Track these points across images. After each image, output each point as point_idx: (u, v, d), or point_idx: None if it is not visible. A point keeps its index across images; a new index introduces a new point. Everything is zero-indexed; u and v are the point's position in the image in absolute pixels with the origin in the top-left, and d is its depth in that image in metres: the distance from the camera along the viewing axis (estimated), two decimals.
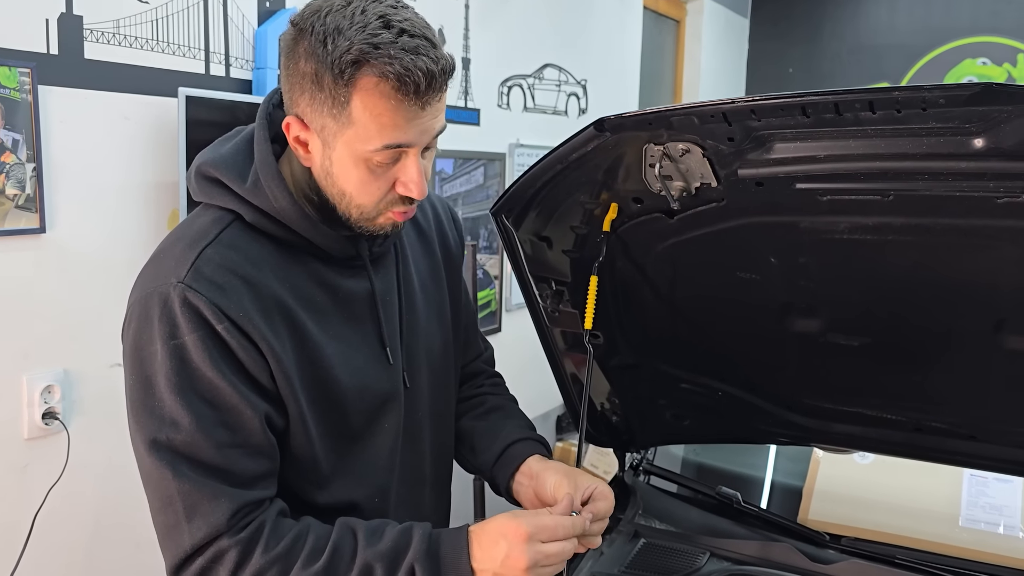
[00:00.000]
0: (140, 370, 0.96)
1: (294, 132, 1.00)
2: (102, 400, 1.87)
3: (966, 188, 1.06)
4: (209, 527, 0.93)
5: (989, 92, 0.91)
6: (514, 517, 1.01)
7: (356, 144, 0.97)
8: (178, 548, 0.94)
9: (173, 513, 0.94)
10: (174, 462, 0.93)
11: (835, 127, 1.03)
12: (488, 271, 3.30)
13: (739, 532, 1.64)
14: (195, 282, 0.95)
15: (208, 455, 0.94)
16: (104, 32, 1.81)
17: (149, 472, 0.95)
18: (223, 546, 0.94)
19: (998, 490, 1.70)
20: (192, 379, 0.94)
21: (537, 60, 3.42)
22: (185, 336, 0.94)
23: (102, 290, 1.86)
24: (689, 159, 1.15)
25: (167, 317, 0.95)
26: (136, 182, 1.91)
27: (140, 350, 0.96)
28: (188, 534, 0.93)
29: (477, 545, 0.99)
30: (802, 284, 1.34)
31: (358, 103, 0.94)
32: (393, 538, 0.99)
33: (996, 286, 1.22)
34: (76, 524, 1.86)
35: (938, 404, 1.46)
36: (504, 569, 0.97)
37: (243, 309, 0.96)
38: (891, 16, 5.25)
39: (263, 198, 1.01)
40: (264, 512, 0.98)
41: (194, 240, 1.00)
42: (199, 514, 0.93)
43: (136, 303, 0.99)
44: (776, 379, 1.55)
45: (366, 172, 0.99)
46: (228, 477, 0.95)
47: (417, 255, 1.24)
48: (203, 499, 0.94)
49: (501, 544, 0.98)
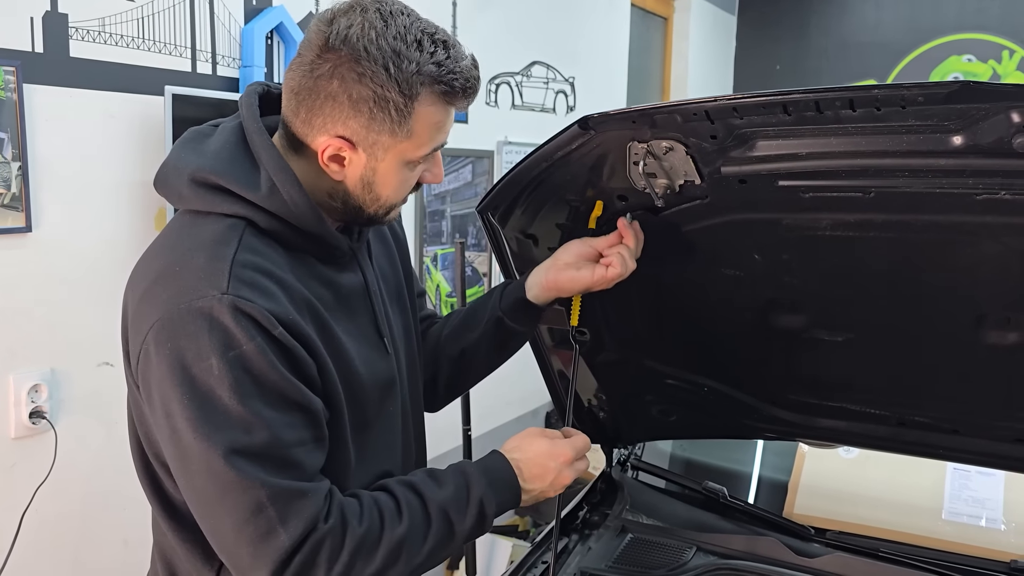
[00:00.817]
0: (193, 388, 0.93)
1: (331, 152, 1.01)
2: (89, 399, 1.87)
3: (946, 185, 1.07)
4: (305, 523, 0.94)
5: (967, 90, 0.92)
6: (552, 441, 1.15)
7: (409, 152, 1.03)
8: (277, 552, 0.94)
9: (265, 520, 0.93)
10: (256, 469, 0.93)
11: (816, 125, 1.04)
12: (476, 268, 3.31)
13: (725, 527, 1.66)
14: (240, 291, 0.94)
15: (285, 456, 0.95)
16: (90, 30, 1.81)
17: (229, 484, 0.93)
18: (318, 537, 0.95)
19: (980, 483, 1.72)
20: (257, 385, 0.94)
21: (525, 58, 3.42)
22: (244, 345, 0.93)
23: (89, 289, 1.85)
24: (673, 157, 1.16)
25: (218, 330, 0.92)
26: (122, 181, 1.91)
27: (188, 368, 0.93)
28: (285, 535, 0.93)
29: (526, 469, 1.12)
30: (786, 280, 1.36)
31: (421, 115, 0.99)
32: (452, 481, 1.08)
33: (976, 282, 1.23)
34: (63, 523, 1.86)
35: (921, 399, 1.47)
36: (551, 488, 1.14)
37: (290, 312, 0.97)
38: (877, 13, 5.28)
39: (280, 204, 1.01)
40: (336, 498, 1.00)
41: (216, 250, 0.98)
42: (292, 513, 0.94)
43: (165, 323, 0.94)
44: (761, 375, 1.56)
45: (408, 174, 1.06)
46: (304, 473, 0.97)
47: (375, 243, 1.26)
48: (293, 499, 0.94)
49: (550, 465, 1.13)
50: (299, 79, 1.00)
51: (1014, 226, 1.11)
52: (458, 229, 3.14)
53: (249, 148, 1.03)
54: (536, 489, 1.13)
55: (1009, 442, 1.44)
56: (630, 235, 1.26)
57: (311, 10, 2.38)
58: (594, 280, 1.25)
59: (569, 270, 1.26)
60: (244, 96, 1.08)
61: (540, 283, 1.28)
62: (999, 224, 1.11)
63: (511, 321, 1.31)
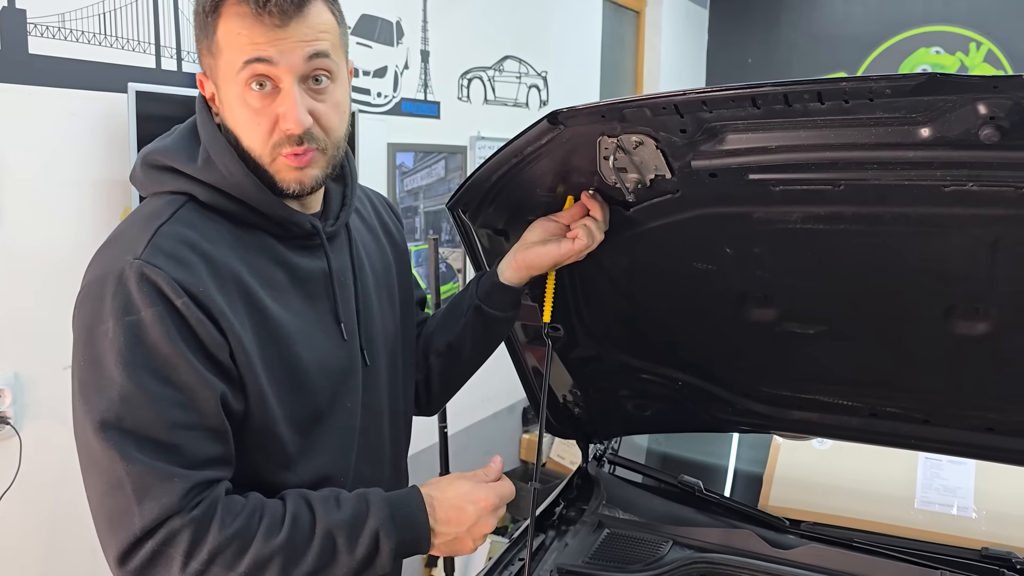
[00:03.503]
0: (90, 350, 0.92)
1: (207, 90, 1.03)
2: (55, 404, 1.84)
3: (914, 177, 1.07)
4: (161, 508, 0.89)
5: (934, 82, 0.92)
6: (475, 484, 1.07)
7: (228, 74, 0.98)
8: (127, 532, 0.90)
9: (123, 497, 0.89)
10: (123, 443, 0.89)
11: (785, 118, 1.04)
12: (451, 264, 3.29)
13: (701, 520, 1.66)
14: (153, 257, 0.93)
15: (161, 435, 0.91)
16: (49, 26, 1.77)
17: (96, 455, 0.91)
18: (175, 526, 0.90)
19: (952, 472, 1.74)
20: (147, 356, 0.91)
21: (497, 52, 3.40)
22: (141, 311, 0.91)
23: (53, 291, 1.82)
24: (643, 151, 1.15)
25: (121, 294, 0.92)
26: (86, 179, 1.87)
27: (91, 330, 0.93)
28: (139, 516, 0.89)
29: (441, 509, 1.04)
30: (757, 274, 1.35)
31: (221, 29, 0.97)
32: (351, 506, 1.00)
33: (945, 273, 1.24)
34: (30, 530, 1.82)
35: (892, 389, 1.48)
36: (468, 535, 1.05)
37: (203, 284, 0.94)
38: (847, 6, 5.33)
39: (216, 174, 1.00)
40: (215, 491, 0.95)
41: (148, 220, 0.98)
42: (150, 495, 0.89)
43: (89, 284, 0.96)
44: (734, 368, 1.57)
45: (246, 108, 0.99)
46: (180, 458, 0.92)
47: (366, 240, 1.25)
48: (155, 480, 0.90)
49: (469, 510, 1.04)
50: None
51: (982, 217, 1.12)
52: (431, 225, 3.12)
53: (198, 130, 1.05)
54: (450, 534, 1.03)
55: (979, 431, 1.45)
56: (595, 206, 1.25)
57: None
58: (561, 253, 1.25)
59: (536, 247, 1.26)
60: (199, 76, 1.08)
61: (510, 264, 1.28)
62: (967, 215, 1.12)
63: (489, 308, 1.30)
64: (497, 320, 1.31)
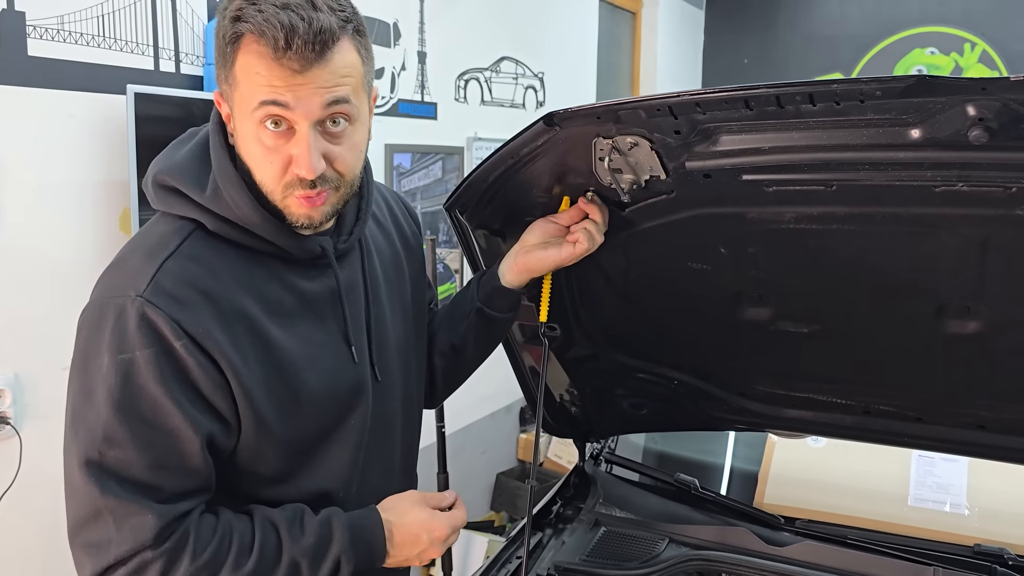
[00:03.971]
0: (84, 380, 0.95)
1: (223, 110, 1.01)
2: (55, 404, 1.82)
3: (905, 177, 1.08)
4: (134, 542, 0.93)
5: (923, 84, 0.93)
6: (431, 513, 1.13)
7: (243, 108, 0.96)
8: (102, 559, 0.93)
9: (101, 528, 0.93)
10: (102, 478, 0.93)
11: (778, 119, 1.05)
12: (448, 265, 3.30)
13: (697, 518, 1.67)
14: (155, 296, 0.93)
15: (140, 474, 0.94)
16: (48, 28, 1.78)
17: (76, 486, 0.94)
18: (147, 557, 0.94)
19: (945, 470, 1.75)
20: (136, 397, 0.93)
21: (494, 53, 3.42)
22: (136, 351, 0.92)
23: (52, 292, 1.83)
24: (638, 152, 1.16)
25: (119, 330, 0.93)
26: (85, 181, 1.88)
27: (87, 360, 0.95)
28: (115, 545, 0.93)
29: (398, 535, 1.10)
30: (752, 273, 1.37)
31: (240, 63, 0.94)
32: (315, 532, 1.03)
33: (936, 272, 1.25)
34: (30, 531, 1.83)
35: (885, 388, 1.49)
36: (417, 558, 1.12)
37: (203, 325, 0.95)
38: (843, 7, 5.35)
39: (224, 206, 0.99)
40: (189, 520, 0.98)
41: (153, 251, 0.98)
42: (127, 529, 0.93)
43: (91, 309, 0.97)
44: (729, 367, 1.58)
45: (259, 144, 0.97)
46: (157, 494, 0.95)
47: (380, 247, 1.24)
48: (130, 514, 0.93)
49: (423, 538, 1.11)
50: None
51: (971, 217, 1.13)
52: (429, 226, 3.13)
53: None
54: (402, 556, 1.11)
55: (971, 429, 1.46)
56: (594, 209, 1.26)
57: None
58: (562, 257, 1.26)
59: (537, 250, 1.27)
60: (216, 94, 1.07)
61: (511, 267, 1.29)
62: (957, 215, 1.13)
63: (491, 310, 1.31)
64: (499, 321, 1.33)
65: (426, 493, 1.17)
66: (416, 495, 1.17)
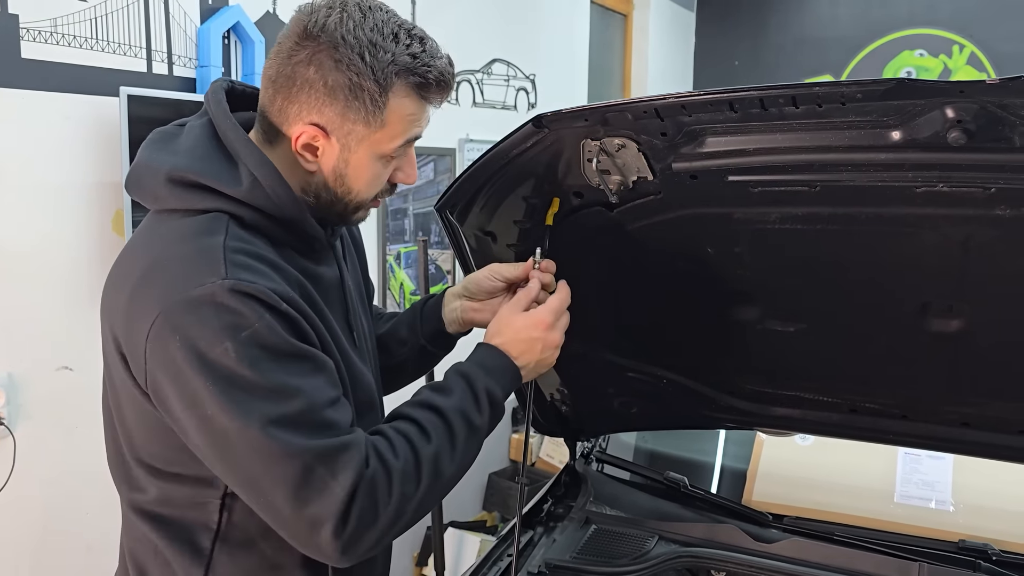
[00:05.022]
0: (215, 373, 0.93)
1: (305, 140, 1.03)
2: (49, 404, 1.85)
3: (887, 178, 1.11)
4: (355, 473, 0.95)
5: (902, 87, 0.95)
6: (527, 314, 1.18)
7: (383, 144, 1.04)
8: (335, 506, 0.94)
9: (317, 480, 0.94)
10: (296, 436, 0.94)
11: (762, 121, 1.07)
12: (440, 266, 3.32)
13: (686, 515, 1.69)
14: (240, 274, 0.95)
15: (321, 417, 0.97)
16: (41, 31, 1.79)
17: (274, 456, 0.93)
18: (368, 481, 0.97)
19: (930, 467, 1.77)
20: (275, 359, 0.95)
21: (485, 55, 3.43)
22: (255, 323, 0.94)
23: (46, 292, 1.83)
24: (625, 154, 1.18)
25: (226, 314, 0.93)
26: (78, 183, 1.89)
27: (205, 355, 0.93)
28: (340, 488, 0.95)
29: (514, 350, 1.15)
30: (739, 273, 1.39)
31: (394, 107, 1.02)
32: (457, 385, 1.10)
33: (919, 272, 1.27)
34: (23, 530, 1.84)
35: (871, 386, 1.51)
36: (543, 351, 1.17)
37: (288, 290, 0.99)
38: (832, 9, 5.38)
39: (263, 198, 1.02)
40: (369, 440, 1.02)
41: (203, 240, 0.98)
42: (340, 467, 0.95)
43: (168, 316, 0.94)
44: (717, 366, 1.60)
45: (380, 168, 1.07)
46: (340, 429, 0.98)
47: (346, 242, 1.28)
48: (337, 453, 0.96)
49: (535, 336, 1.16)
50: (277, 67, 1.02)
51: (953, 217, 1.15)
52: (421, 227, 3.15)
53: (221, 144, 1.04)
54: (531, 362, 1.16)
55: (956, 426, 1.48)
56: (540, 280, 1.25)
57: (268, 9, 2.37)
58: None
59: (484, 313, 1.30)
60: (211, 92, 1.08)
61: (457, 319, 1.33)
62: (938, 215, 1.15)
63: (434, 348, 1.37)
64: (439, 356, 1.39)
65: (512, 299, 1.21)
66: (505, 309, 1.20)
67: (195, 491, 1.04)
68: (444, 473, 1.04)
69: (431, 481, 1.03)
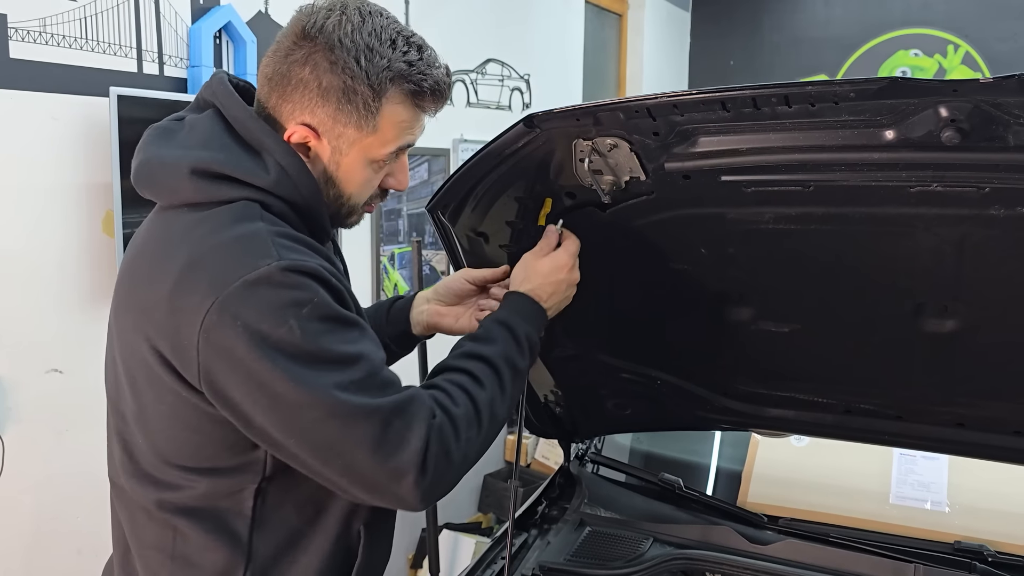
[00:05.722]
0: (282, 352, 0.94)
1: (297, 140, 1.04)
2: (38, 407, 1.84)
3: (880, 178, 1.10)
4: (426, 422, 1.00)
5: (895, 86, 0.95)
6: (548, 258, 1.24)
7: (374, 149, 1.05)
8: (415, 456, 0.98)
9: (395, 433, 0.98)
10: (368, 397, 0.97)
11: (754, 121, 1.06)
12: (435, 267, 3.30)
13: (681, 517, 1.68)
14: (288, 254, 0.97)
15: (384, 376, 1.01)
16: (30, 31, 1.77)
17: (353, 417, 0.96)
18: (437, 429, 1.01)
19: (926, 468, 1.77)
20: (337, 330, 0.98)
21: (479, 55, 3.42)
22: (314, 298, 0.96)
23: (35, 295, 1.82)
24: (617, 154, 1.17)
25: (283, 294, 0.94)
26: (68, 184, 1.88)
27: (269, 337, 0.93)
28: (416, 439, 0.98)
29: (544, 293, 1.22)
30: (732, 273, 1.38)
31: (387, 113, 1.03)
32: (499, 333, 1.16)
33: (913, 272, 1.26)
34: (13, 533, 1.82)
35: (865, 386, 1.51)
36: (568, 292, 1.26)
37: (329, 266, 1.02)
38: (827, 9, 5.38)
39: (291, 189, 1.03)
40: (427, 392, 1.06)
41: (242, 226, 0.98)
42: (412, 418, 0.99)
43: (225, 304, 0.93)
44: (712, 366, 1.59)
45: (371, 173, 1.09)
46: (399, 383, 1.03)
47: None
48: (407, 406, 1.00)
49: (560, 278, 1.23)
50: (274, 65, 1.03)
51: (947, 217, 1.14)
52: (415, 228, 3.14)
53: (238, 135, 1.03)
54: (557, 303, 1.24)
55: (950, 427, 1.48)
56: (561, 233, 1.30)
57: (260, 9, 2.36)
58: (468, 328, 1.31)
59: (448, 317, 1.33)
60: (217, 84, 1.07)
61: (422, 323, 1.35)
62: (932, 215, 1.15)
63: (396, 348, 1.37)
64: (398, 357, 1.40)
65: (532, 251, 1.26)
66: (529, 256, 1.26)
67: (232, 481, 1.05)
68: (499, 415, 1.11)
69: (489, 423, 1.09)
